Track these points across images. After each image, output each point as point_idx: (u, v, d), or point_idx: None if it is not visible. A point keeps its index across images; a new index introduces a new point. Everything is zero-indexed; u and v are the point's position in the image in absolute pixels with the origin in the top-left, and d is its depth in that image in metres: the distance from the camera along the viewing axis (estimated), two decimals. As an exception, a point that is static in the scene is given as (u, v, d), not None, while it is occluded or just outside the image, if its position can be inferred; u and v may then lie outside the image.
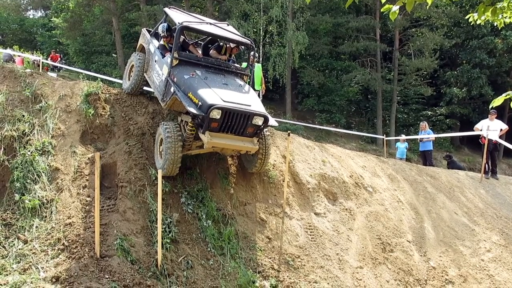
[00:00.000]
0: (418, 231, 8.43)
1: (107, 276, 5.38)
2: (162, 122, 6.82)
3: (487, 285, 7.57)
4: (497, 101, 4.26)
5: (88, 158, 6.97)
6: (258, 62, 7.57)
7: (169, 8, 7.79)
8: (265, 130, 6.85)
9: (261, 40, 23.66)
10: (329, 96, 26.74)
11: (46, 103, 7.65)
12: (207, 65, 7.04)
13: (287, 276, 6.46)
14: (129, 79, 8.34)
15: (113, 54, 28.18)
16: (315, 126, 22.48)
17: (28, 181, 6.47)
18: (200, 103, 6.08)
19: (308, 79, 25.91)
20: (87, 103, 7.69)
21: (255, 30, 23.85)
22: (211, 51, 7.63)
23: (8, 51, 16.82)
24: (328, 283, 6.57)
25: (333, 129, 22.84)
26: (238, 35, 7.45)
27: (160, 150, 6.68)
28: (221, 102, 6.07)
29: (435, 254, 8.06)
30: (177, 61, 6.81)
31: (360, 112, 31.04)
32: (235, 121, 6.21)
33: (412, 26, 26.58)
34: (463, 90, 26.08)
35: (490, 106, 4.56)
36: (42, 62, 17.32)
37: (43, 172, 6.62)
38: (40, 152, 6.87)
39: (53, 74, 14.50)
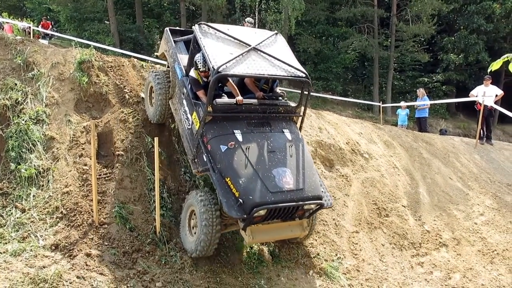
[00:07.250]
0: (413, 196, 8.54)
1: (106, 243, 5.45)
2: (196, 191, 5.70)
3: (479, 247, 7.73)
4: (496, 65, 4.15)
5: (84, 127, 6.91)
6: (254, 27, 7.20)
7: (198, 24, 5.83)
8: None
9: (257, 6, 23.15)
10: (326, 64, 26.46)
11: (39, 71, 7.52)
12: (249, 113, 5.67)
13: (284, 241, 6.55)
14: (151, 104, 6.98)
15: (106, 21, 27.53)
16: (312, 93, 22.34)
17: (24, 150, 6.43)
18: (241, 199, 4.96)
19: (304, 46, 25.54)
20: (81, 71, 7.56)
21: (250, -5, 23.31)
22: (246, 79, 6.19)
23: (-3, 18, 16.41)
24: (324, 248, 6.68)
25: (330, 97, 22.72)
26: (290, 65, 5.69)
27: (192, 225, 5.62)
28: (268, 197, 4.97)
29: (430, 218, 8.19)
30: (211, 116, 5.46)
31: (357, 79, 30.82)
32: (282, 212, 5.20)
33: (410, -10, 26.08)
34: (460, 56, 25.87)
35: (489, 70, 4.46)
36: (33, 29, 16.91)
37: (38, 141, 6.57)
38: (35, 121, 6.80)
39: (45, 42, 14.19)
